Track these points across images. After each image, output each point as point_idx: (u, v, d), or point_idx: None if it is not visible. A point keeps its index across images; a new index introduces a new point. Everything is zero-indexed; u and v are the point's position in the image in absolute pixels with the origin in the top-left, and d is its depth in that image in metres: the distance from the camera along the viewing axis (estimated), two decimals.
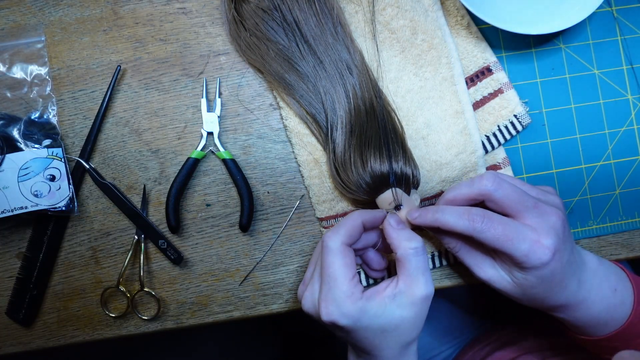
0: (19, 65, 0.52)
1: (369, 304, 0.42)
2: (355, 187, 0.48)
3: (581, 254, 0.46)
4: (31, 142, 0.50)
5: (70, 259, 0.53)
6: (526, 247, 0.40)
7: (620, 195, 0.53)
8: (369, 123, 0.49)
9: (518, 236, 0.41)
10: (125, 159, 0.52)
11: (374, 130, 0.49)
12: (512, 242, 0.41)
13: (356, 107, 0.49)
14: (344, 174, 0.48)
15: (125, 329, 0.53)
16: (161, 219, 0.52)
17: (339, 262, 0.42)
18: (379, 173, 0.47)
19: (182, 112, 0.52)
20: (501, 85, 0.51)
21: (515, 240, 0.41)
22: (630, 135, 0.53)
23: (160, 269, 0.53)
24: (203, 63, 0.52)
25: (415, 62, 0.51)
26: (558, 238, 0.41)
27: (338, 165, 0.49)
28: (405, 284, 0.42)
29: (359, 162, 0.47)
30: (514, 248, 0.41)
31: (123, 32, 0.52)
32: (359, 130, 0.49)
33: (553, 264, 0.41)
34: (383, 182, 0.47)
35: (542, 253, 0.40)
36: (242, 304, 0.53)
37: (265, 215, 0.52)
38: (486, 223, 0.41)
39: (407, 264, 0.42)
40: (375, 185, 0.47)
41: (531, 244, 0.41)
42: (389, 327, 0.42)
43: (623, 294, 0.45)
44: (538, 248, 0.40)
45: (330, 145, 0.49)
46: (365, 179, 0.47)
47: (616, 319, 0.45)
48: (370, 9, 0.51)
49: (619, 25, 0.53)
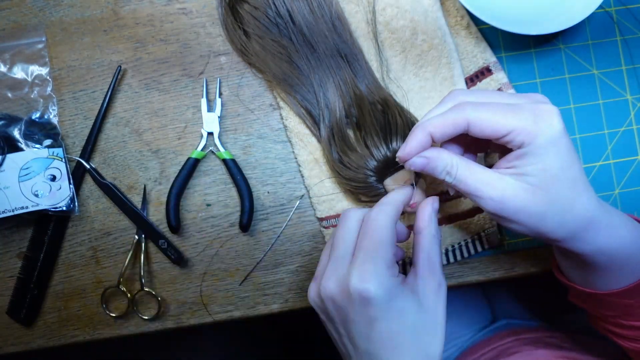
0: (20, 65, 0.52)
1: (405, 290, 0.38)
2: (362, 173, 0.48)
3: None
4: (32, 142, 0.50)
5: (71, 259, 0.53)
6: (531, 115, 0.35)
7: (620, 195, 0.53)
8: (370, 110, 0.49)
9: (519, 108, 0.36)
10: (125, 159, 0.52)
11: (375, 115, 0.49)
12: (515, 114, 0.35)
13: (354, 95, 0.49)
14: (347, 158, 0.48)
15: (125, 328, 0.53)
16: (161, 219, 0.52)
17: (386, 234, 0.38)
18: (385, 155, 0.47)
19: (183, 112, 0.52)
20: (501, 85, 0.51)
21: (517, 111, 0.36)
22: (629, 136, 0.53)
23: (160, 269, 0.53)
24: (203, 63, 0.52)
25: (415, 62, 0.51)
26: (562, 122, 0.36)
27: (340, 151, 0.49)
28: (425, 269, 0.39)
29: (364, 146, 0.48)
30: (518, 119, 0.35)
31: (123, 32, 0.52)
32: (359, 115, 0.49)
33: (565, 138, 0.36)
34: (390, 163, 0.47)
35: (550, 116, 0.35)
36: (242, 304, 0.53)
37: (265, 215, 0.52)
38: (476, 104, 0.37)
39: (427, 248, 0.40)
40: (382, 166, 0.47)
41: (535, 110, 0.36)
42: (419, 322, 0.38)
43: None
44: (544, 112, 0.36)
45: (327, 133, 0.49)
46: (372, 162, 0.47)
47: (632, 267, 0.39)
48: (370, 9, 0.51)
49: (619, 26, 0.53)
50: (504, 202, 0.37)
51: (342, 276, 0.38)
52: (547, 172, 0.36)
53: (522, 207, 0.37)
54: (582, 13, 0.47)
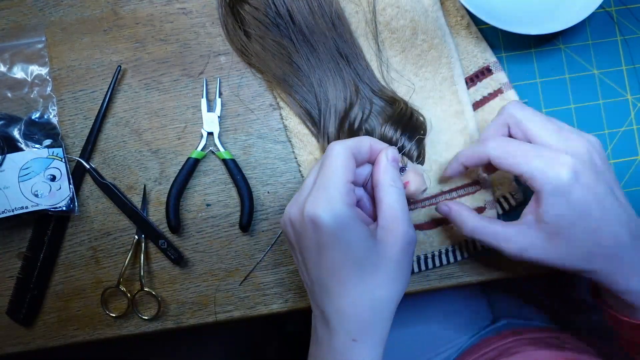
0: (20, 65, 0.52)
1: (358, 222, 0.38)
2: None
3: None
4: (32, 142, 0.50)
5: (71, 259, 0.53)
6: (543, 163, 0.38)
7: None
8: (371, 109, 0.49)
9: (535, 153, 0.38)
10: (125, 159, 0.52)
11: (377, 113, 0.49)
12: (529, 159, 0.38)
13: (355, 95, 0.49)
14: None
15: (125, 328, 0.53)
16: (161, 219, 0.52)
17: (340, 161, 0.39)
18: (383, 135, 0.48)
19: (182, 112, 0.52)
20: (501, 85, 0.51)
21: (532, 157, 0.38)
22: (629, 136, 0.53)
23: (160, 269, 0.53)
24: (203, 63, 0.52)
25: (416, 62, 0.51)
26: (582, 161, 0.38)
27: None
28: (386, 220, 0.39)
29: None
30: (531, 165, 0.38)
31: (123, 32, 0.52)
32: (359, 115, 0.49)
33: (580, 188, 0.37)
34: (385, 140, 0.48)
35: (560, 168, 0.37)
36: (242, 304, 0.53)
37: (265, 215, 0.52)
38: (500, 140, 0.40)
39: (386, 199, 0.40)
40: None
41: (548, 160, 0.38)
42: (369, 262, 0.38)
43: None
44: (556, 163, 0.38)
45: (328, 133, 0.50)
46: None
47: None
48: (370, 9, 0.51)
49: (619, 26, 0.53)
50: (523, 255, 0.41)
51: (301, 202, 0.39)
52: (562, 219, 0.39)
53: (542, 255, 0.40)
54: (582, 13, 0.47)
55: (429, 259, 0.52)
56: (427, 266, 0.52)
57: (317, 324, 0.42)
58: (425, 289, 0.53)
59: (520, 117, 0.41)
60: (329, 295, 0.39)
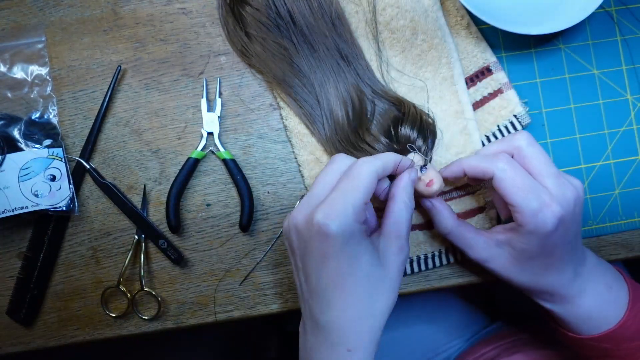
0: (20, 65, 0.52)
1: (365, 237, 0.40)
2: None
3: (582, 249, 0.46)
4: (32, 142, 0.50)
5: (71, 259, 0.53)
6: (537, 205, 0.40)
7: (620, 195, 0.53)
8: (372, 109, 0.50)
9: (534, 192, 0.41)
10: (125, 159, 0.52)
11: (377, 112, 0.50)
12: (526, 195, 0.41)
13: (355, 95, 0.49)
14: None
15: (125, 328, 0.53)
16: (161, 219, 0.52)
17: (364, 185, 0.39)
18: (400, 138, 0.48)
19: (183, 112, 0.52)
20: (501, 85, 0.51)
21: (530, 195, 0.41)
22: (629, 136, 0.53)
23: (160, 269, 0.53)
24: (203, 63, 0.52)
25: (415, 62, 0.51)
26: (568, 212, 0.41)
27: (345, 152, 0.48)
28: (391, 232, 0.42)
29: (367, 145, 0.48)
30: (526, 202, 0.41)
31: (123, 32, 0.52)
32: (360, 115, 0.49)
33: (556, 234, 0.41)
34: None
35: (549, 217, 0.40)
36: (242, 304, 0.53)
37: (265, 215, 0.52)
38: (510, 164, 0.42)
39: (397, 213, 0.42)
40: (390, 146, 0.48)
41: (543, 204, 0.41)
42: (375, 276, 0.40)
43: (618, 293, 0.46)
44: (548, 211, 0.41)
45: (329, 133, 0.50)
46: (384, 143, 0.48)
47: (608, 318, 0.45)
48: (370, 9, 0.51)
49: (619, 26, 0.53)
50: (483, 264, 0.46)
51: (311, 210, 0.40)
52: (529, 252, 0.43)
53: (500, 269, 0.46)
54: (582, 13, 0.47)
55: (429, 259, 0.52)
56: (427, 266, 0.52)
57: (307, 330, 0.42)
58: (425, 289, 0.53)
59: (529, 154, 0.43)
60: (329, 306, 0.40)
